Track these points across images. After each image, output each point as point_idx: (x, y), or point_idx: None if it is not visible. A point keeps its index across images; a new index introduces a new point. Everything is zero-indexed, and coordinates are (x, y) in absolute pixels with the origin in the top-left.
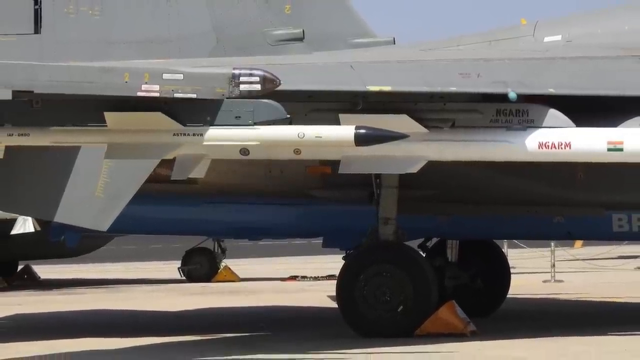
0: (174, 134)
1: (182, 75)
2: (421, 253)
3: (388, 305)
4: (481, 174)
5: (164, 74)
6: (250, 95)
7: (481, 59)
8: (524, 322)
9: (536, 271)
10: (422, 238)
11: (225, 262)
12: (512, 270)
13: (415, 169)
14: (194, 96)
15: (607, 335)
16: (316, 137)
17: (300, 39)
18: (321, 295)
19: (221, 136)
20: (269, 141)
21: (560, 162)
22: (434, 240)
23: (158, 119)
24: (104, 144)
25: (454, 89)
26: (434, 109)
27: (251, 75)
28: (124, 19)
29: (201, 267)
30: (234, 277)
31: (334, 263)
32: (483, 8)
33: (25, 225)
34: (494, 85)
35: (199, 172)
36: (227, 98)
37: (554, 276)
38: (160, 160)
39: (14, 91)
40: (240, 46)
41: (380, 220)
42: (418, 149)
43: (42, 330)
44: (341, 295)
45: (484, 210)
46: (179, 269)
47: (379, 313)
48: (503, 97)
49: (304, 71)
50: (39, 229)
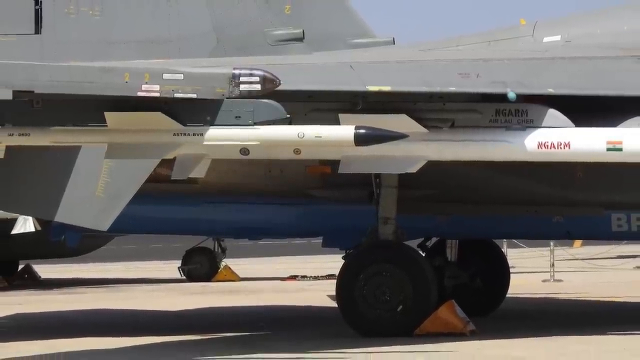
0: (174, 134)
1: (182, 75)
2: (421, 253)
3: (388, 305)
4: (480, 174)
5: (164, 74)
6: (250, 95)
7: (480, 59)
8: (523, 322)
9: (535, 271)
10: (422, 238)
11: (226, 262)
12: (511, 270)
13: (414, 168)
14: (194, 96)
15: (606, 334)
16: (316, 137)
17: (300, 39)
18: (321, 295)
19: (221, 136)
20: (269, 141)
21: (559, 162)
22: (434, 239)
23: (158, 118)
24: (104, 143)
25: (453, 89)
26: (434, 109)
27: (251, 75)
28: (124, 19)
29: (201, 267)
30: (234, 277)
31: (333, 263)
32: (482, 8)
33: (26, 224)
34: (493, 85)
35: (199, 172)
36: (227, 98)
37: (553, 276)
38: (160, 160)
39: (14, 91)
40: (240, 46)
41: (380, 219)
42: (417, 148)
43: (42, 329)
44: (341, 294)
45: (483, 210)
46: (179, 268)
47: (378, 312)
48: (502, 97)
49: (304, 71)
50: (39, 228)
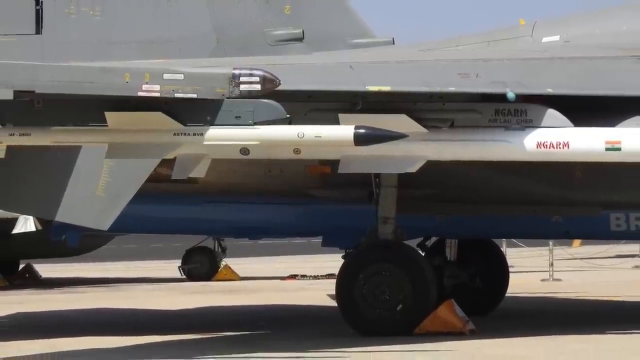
0: (174, 134)
1: (182, 75)
2: (420, 252)
3: (387, 304)
4: (480, 174)
5: (164, 74)
6: (250, 95)
7: (480, 59)
8: (523, 321)
9: (534, 270)
10: (421, 237)
11: (226, 261)
12: (510, 269)
13: (414, 168)
14: (194, 96)
15: (605, 333)
16: (316, 136)
17: (300, 39)
18: (321, 294)
19: (221, 136)
20: (268, 141)
21: (558, 162)
22: (433, 239)
23: (158, 118)
24: (104, 143)
25: (452, 89)
26: (433, 109)
27: (251, 75)
28: (124, 19)
29: (201, 266)
30: (234, 276)
31: (333, 262)
32: (482, 9)
33: (27, 224)
34: (492, 85)
35: (199, 172)
36: (227, 98)
37: (552, 275)
38: (160, 159)
39: (15, 91)
40: (240, 46)
41: (380, 219)
42: (417, 148)
43: (43, 328)
44: (341, 294)
45: (482, 210)
46: (179, 267)
47: (378, 312)
48: (502, 97)
49: (304, 71)
50: (40, 228)
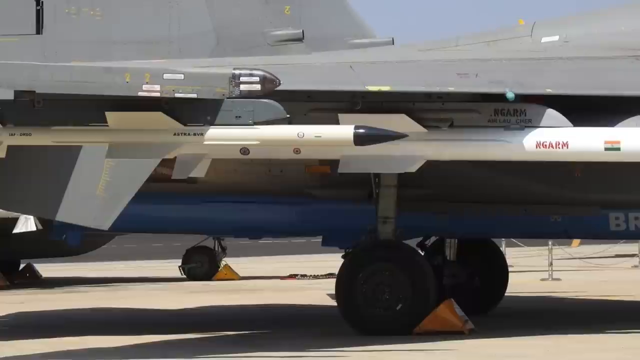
0: (174, 134)
1: (182, 75)
2: (420, 252)
3: (387, 304)
4: (479, 173)
5: (164, 74)
6: (250, 95)
7: (479, 59)
8: (522, 320)
9: (534, 270)
10: (421, 237)
11: (226, 261)
12: (510, 269)
13: (413, 168)
14: (194, 96)
15: (604, 333)
16: (315, 136)
17: (300, 39)
18: (321, 294)
19: (221, 136)
20: (268, 140)
21: (557, 162)
22: (433, 239)
23: (159, 118)
24: (105, 143)
25: (452, 89)
26: (433, 109)
27: (251, 75)
28: (124, 19)
29: (202, 266)
30: (234, 276)
31: (333, 261)
32: (481, 9)
33: (27, 224)
34: (491, 85)
35: (199, 172)
36: (227, 98)
37: (552, 274)
38: (161, 159)
39: (16, 91)
40: (240, 46)
41: (379, 219)
42: (417, 148)
43: (44, 328)
44: (340, 293)
45: (482, 209)
46: (179, 267)
47: (378, 311)
48: (501, 97)
49: (304, 71)
50: (40, 227)
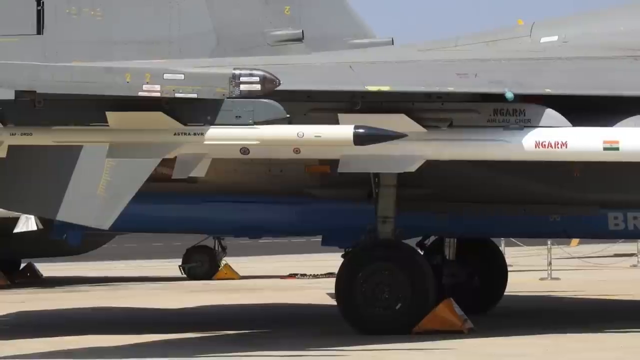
0: (174, 134)
1: (183, 75)
2: (419, 251)
3: (386, 303)
4: (478, 173)
5: (165, 74)
6: (251, 95)
7: (478, 59)
8: (521, 320)
9: (533, 269)
10: (420, 236)
11: (226, 260)
12: (509, 268)
13: (413, 168)
14: (194, 96)
15: (603, 332)
16: (315, 136)
17: (300, 39)
18: (320, 293)
19: (221, 135)
20: (268, 140)
21: (556, 162)
22: (432, 238)
23: (159, 118)
24: (105, 143)
25: (451, 89)
26: (432, 109)
27: (251, 75)
28: (125, 19)
29: (202, 265)
30: (234, 275)
31: (333, 261)
32: (480, 9)
33: (28, 223)
34: (491, 85)
35: (199, 171)
36: (227, 98)
37: (551, 274)
38: (161, 159)
39: (16, 91)
40: (241, 46)
41: (379, 218)
42: (416, 148)
43: (44, 327)
44: (340, 293)
45: (481, 209)
46: (179, 266)
47: (377, 311)
48: (500, 97)
49: (304, 71)
50: (41, 227)
